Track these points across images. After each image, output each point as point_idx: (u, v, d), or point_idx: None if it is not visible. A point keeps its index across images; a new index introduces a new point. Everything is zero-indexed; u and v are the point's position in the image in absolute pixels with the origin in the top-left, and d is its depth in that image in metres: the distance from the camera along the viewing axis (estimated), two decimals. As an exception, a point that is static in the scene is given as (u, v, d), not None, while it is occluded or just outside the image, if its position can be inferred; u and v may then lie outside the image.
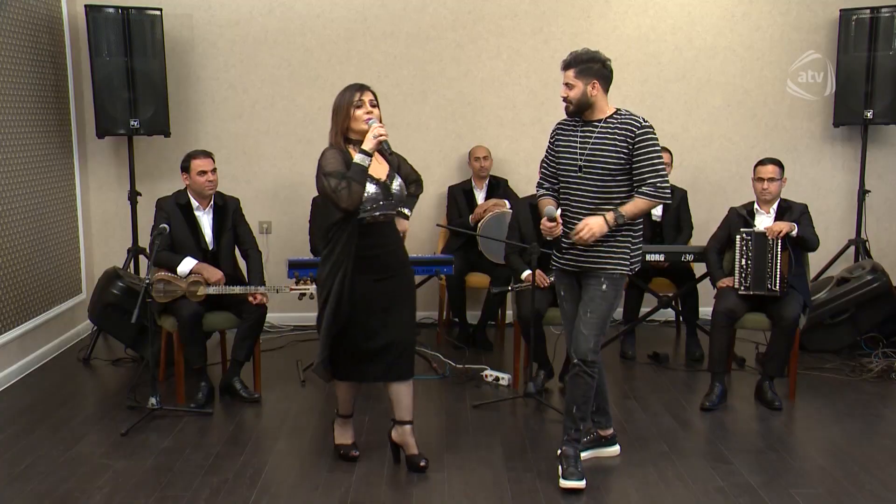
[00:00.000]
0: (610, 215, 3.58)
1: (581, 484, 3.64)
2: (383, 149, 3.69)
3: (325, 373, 3.77)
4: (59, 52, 5.91)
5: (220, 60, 6.31)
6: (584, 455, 3.94)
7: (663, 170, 3.63)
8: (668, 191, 3.63)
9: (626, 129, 3.61)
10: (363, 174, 3.56)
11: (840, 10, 6.13)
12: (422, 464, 3.81)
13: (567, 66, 3.67)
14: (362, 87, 3.68)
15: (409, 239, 6.32)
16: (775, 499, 3.57)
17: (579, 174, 3.66)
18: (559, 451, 3.77)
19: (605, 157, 3.61)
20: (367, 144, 3.57)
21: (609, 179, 3.62)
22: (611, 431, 4.04)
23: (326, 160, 3.59)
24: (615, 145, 3.61)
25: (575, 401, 3.73)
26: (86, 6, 5.74)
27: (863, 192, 6.31)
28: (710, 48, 6.45)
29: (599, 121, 3.67)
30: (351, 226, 3.63)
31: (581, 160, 3.66)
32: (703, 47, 6.45)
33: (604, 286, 3.66)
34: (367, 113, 3.64)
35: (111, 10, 5.69)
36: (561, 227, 3.69)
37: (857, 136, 6.37)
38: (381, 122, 3.65)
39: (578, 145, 3.68)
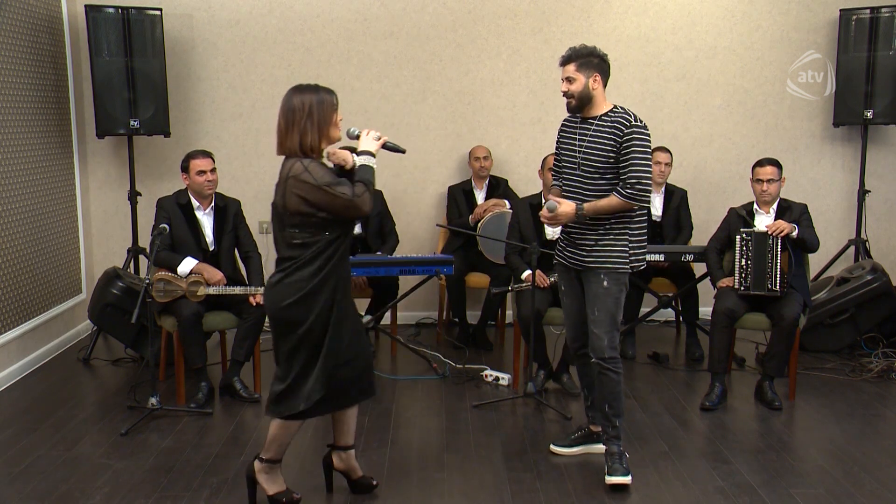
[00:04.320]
0: (576, 205, 3.64)
1: (626, 479, 3.68)
2: (391, 147, 3.47)
3: (308, 412, 3.33)
4: (59, 52, 5.91)
5: (220, 60, 6.31)
6: (574, 450, 4.04)
7: (645, 171, 3.57)
8: (647, 194, 3.59)
9: (616, 127, 3.61)
10: (373, 174, 3.29)
11: (840, 10, 6.13)
12: (374, 482, 3.65)
13: (566, 60, 3.68)
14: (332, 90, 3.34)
15: (409, 239, 6.42)
16: (775, 499, 3.57)
17: (577, 171, 3.71)
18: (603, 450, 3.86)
19: (598, 154, 3.64)
20: (371, 146, 3.33)
21: (598, 177, 3.65)
22: (601, 428, 4.03)
23: (319, 172, 3.19)
24: (606, 143, 3.63)
25: (605, 399, 3.78)
26: (86, 6, 5.74)
27: (863, 192, 6.31)
28: (710, 48, 6.45)
29: (596, 117, 3.68)
30: (348, 238, 3.33)
31: (579, 157, 3.70)
32: (703, 47, 6.45)
33: (605, 283, 3.68)
34: (340, 119, 3.34)
35: (111, 10, 5.69)
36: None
37: (857, 136, 6.37)
38: None
39: (577, 142, 3.72)
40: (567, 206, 3.66)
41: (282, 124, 3.27)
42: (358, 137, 3.41)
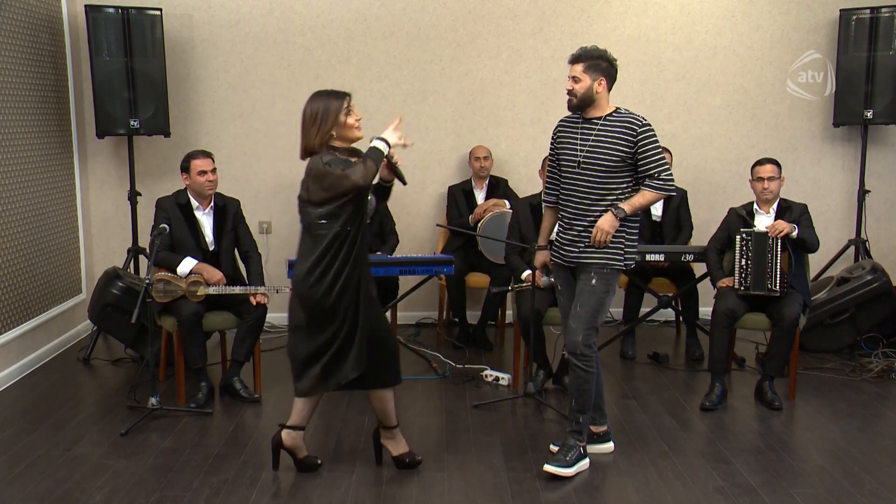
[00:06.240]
0: (611, 213, 3.71)
1: (563, 472, 3.74)
2: (397, 170, 3.74)
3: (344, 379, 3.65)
4: (59, 52, 5.91)
5: (220, 60, 6.31)
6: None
7: (667, 164, 3.75)
8: (673, 184, 3.76)
9: (627, 128, 3.71)
10: (381, 156, 3.55)
11: (840, 10, 6.13)
12: (318, 461, 3.88)
13: (576, 59, 3.77)
14: (347, 94, 3.59)
15: (408, 239, 6.42)
16: (775, 499, 3.57)
17: (577, 170, 3.77)
18: None
19: (605, 153, 3.72)
20: (391, 137, 3.59)
21: (605, 176, 3.73)
22: (604, 428, 4.06)
23: (326, 157, 3.50)
24: (615, 143, 3.71)
25: (572, 393, 3.86)
26: (86, 6, 5.74)
27: (863, 192, 6.31)
28: (710, 48, 6.45)
29: (599, 118, 3.77)
30: (361, 202, 3.54)
31: (581, 156, 3.75)
32: (703, 47, 6.45)
33: (594, 280, 3.76)
34: (358, 119, 3.60)
35: (111, 10, 5.69)
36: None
37: (857, 136, 6.37)
38: None
39: (578, 142, 3.78)
40: (605, 219, 3.69)
41: (302, 131, 3.59)
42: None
